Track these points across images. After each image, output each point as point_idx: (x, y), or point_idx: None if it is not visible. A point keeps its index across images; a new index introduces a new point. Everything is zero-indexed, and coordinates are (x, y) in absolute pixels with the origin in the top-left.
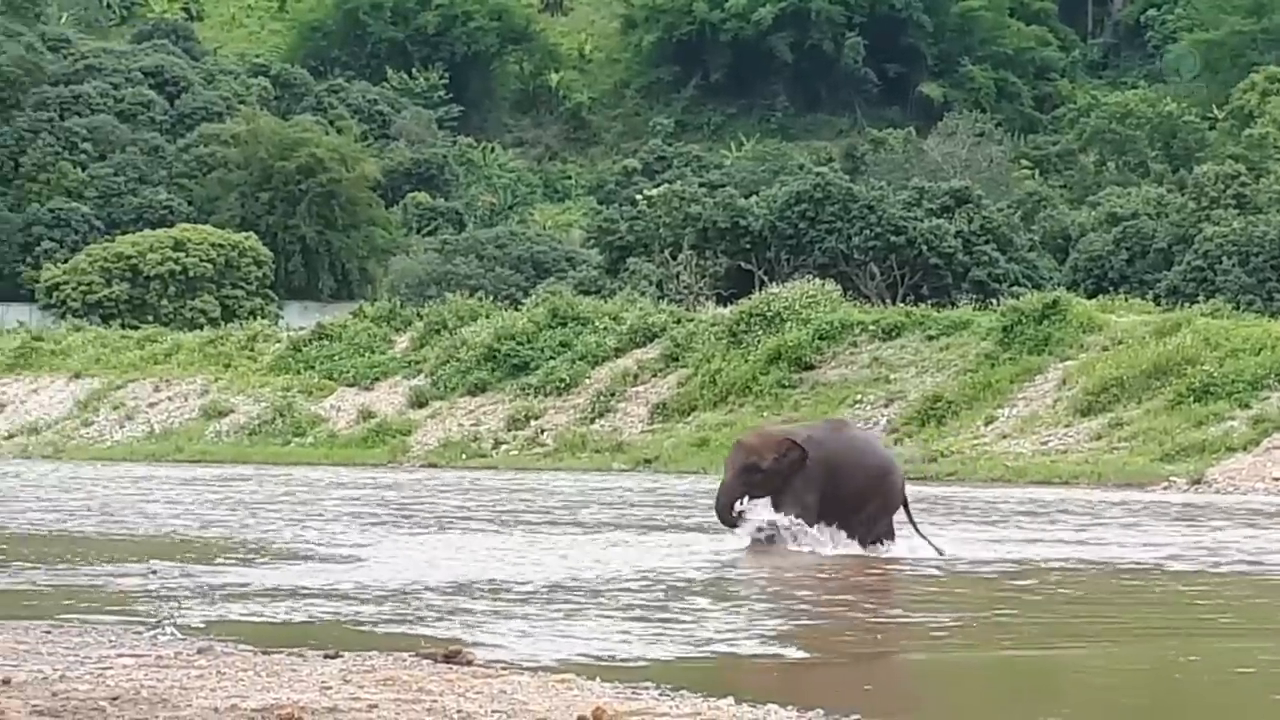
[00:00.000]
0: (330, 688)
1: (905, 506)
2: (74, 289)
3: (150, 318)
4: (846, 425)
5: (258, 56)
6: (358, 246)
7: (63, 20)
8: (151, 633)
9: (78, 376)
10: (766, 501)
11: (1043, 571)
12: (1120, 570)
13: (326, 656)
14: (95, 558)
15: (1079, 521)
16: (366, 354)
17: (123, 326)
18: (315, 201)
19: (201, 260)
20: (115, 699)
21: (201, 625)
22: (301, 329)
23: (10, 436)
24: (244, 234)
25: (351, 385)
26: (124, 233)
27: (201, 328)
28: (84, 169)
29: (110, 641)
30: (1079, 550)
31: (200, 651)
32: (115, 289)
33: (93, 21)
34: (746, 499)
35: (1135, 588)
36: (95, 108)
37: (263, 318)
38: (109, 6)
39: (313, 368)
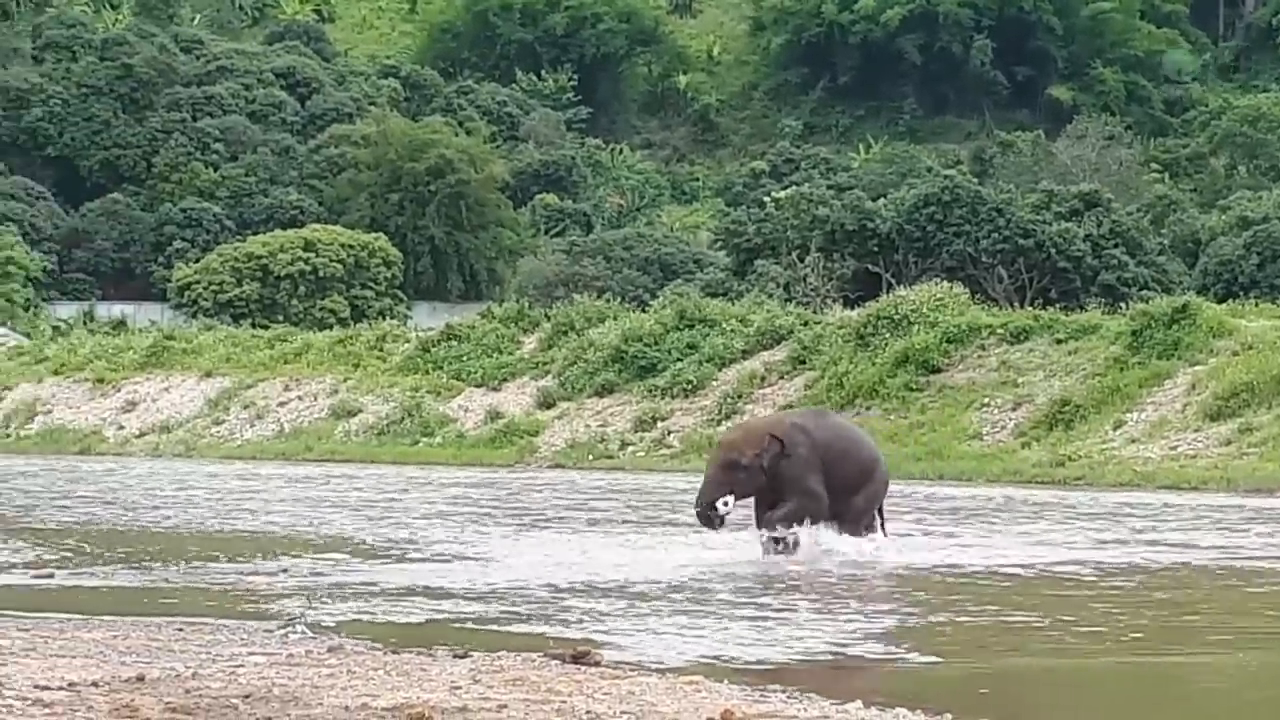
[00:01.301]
0: (460, 687)
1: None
2: (205, 288)
3: (280, 317)
4: (828, 414)
5: (388, 58)
6: (486, 247)
7: (195, 22)
8: (282, 631)
9: (209, 375)
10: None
11: (1132, 572)
12: (1216, 573)
13: (456, 656)
14: (226, 556)
15: (1158, 524)
16: (494, 355)
17: (253, 326)
18: (444, 202)
19: (331, 260)
20: (247, 697)
21: (332, 624)
22: (430, 329)
23: (142, 435)
24: (373, 234)
25: (479, 386)
26: (255, 233)
27: (331, 327)
28: (216, 169)
29: (242, 639)
30: (1171, 553)
31: (331, 650)
32: (246, 289)
33: (225, 23)
34: (731, 498)
35: (1231, 590)
36: (227, 108)
37: (392, 318)
38: (241, 8)
39: (441, 368)
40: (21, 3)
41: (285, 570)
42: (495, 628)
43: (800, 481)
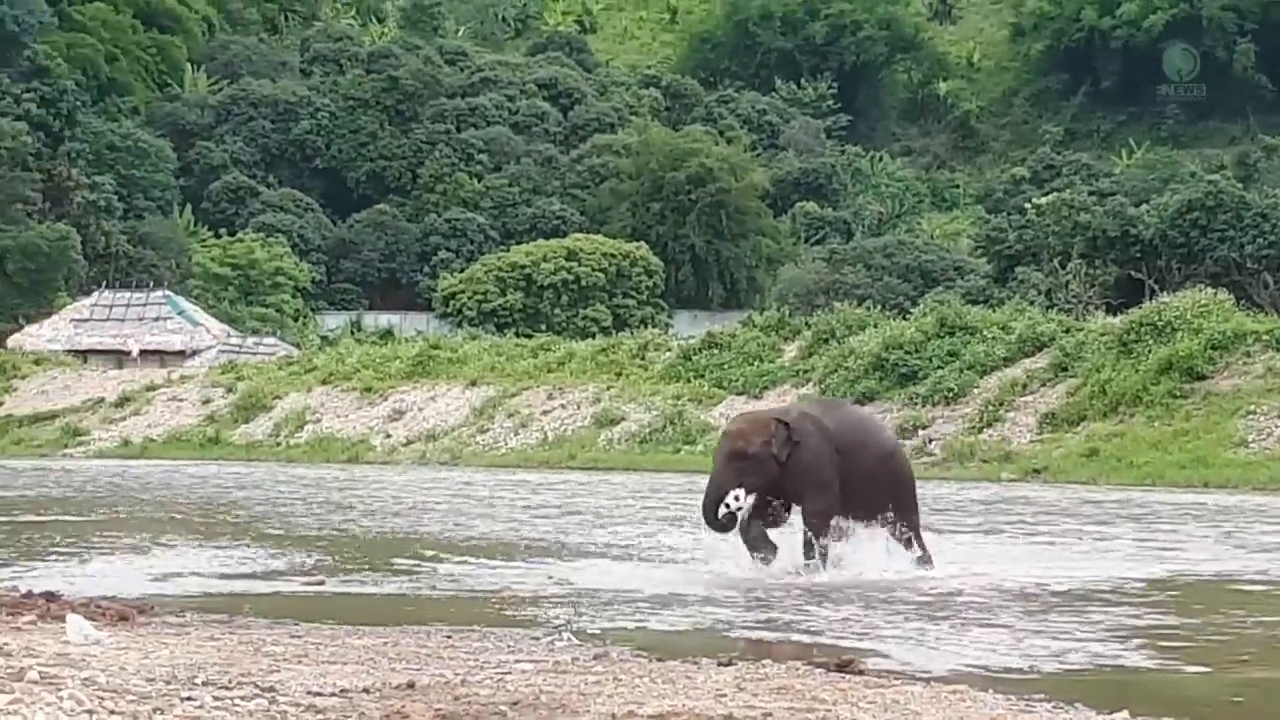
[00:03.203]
0: (725, 695)
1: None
2: (470, 298)
3: (543, 326)
4: (842, 404)
5: (649, 68)
6: (746, 256)
7: (460, 34)
8: (549, 638)
9: (474, 384)
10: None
11: None
12: None
13: (720, 664)
14: (490, 563)
15: None
16: (756, 363)
17: (517, 335)
18: (705, 211)
19: (594, 270)
20: (515, 704)
21: (597, 631)
22: (691, 338)
23: (409, 443)
24: (635, 243)
25: (741, 394)
26: (518, 242)
27: (594, 336)
28: (479, 180)
29: (509, 647)
30: None
31: (596, 658)
32: (510, 298)
33: (489, 35)
34: (741, 492)
35: None
36: (491, 119)
37: (653, 326)
38: (505, 20)
39: (703, 376)
40: (290, 17)
41: (550, 577)
42: (757, 634)
43: (814, 474)
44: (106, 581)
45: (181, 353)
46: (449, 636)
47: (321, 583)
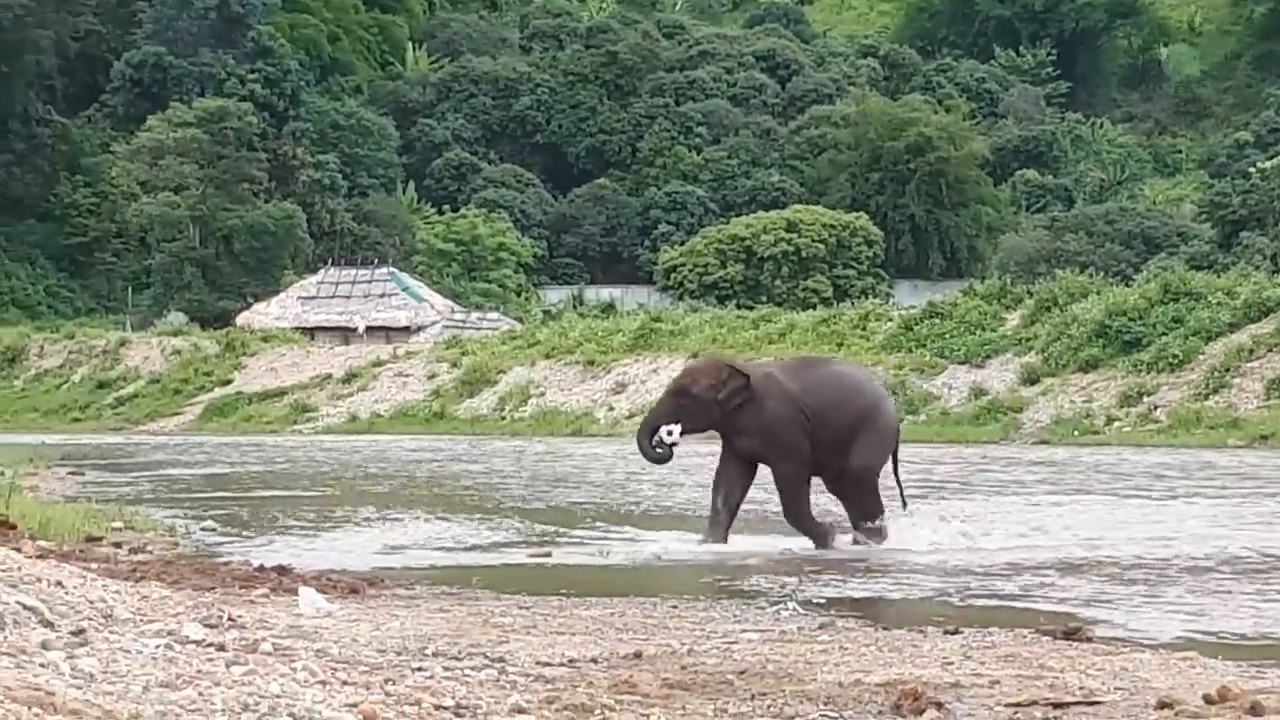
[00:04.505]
0: (951, 663)
1: (894, 457)
2: (690, 270)
3: (764, 298)
4: (827, 361)
5: (866, 38)
6: (966, 225)
7: (678, 7)
8: (775, 608)
9: (695, 357)
10: None
11: None
12: None
13: (946, 632)
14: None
15: None
16: (977, 332)
17: (738, 307)
18: (924, 180)
19: (813, 241)
20: (742, 673)
21: (822, 601)
22: (912, 307)
23: (631, 416)
24: (854, 214)
25: (963, 363)
26: (738, 215)
27: (814, 307)
28: (698, 153)
29: (734, 616)
30: None
31: (822, 627)
32: (730, 270)
33: (706, 8)
34: (676, 428)
35: None
36: (709, 92)
37: (874, 297)
38: None
39: (924, 346)
40: None
41: (783, 550)
42: (984, 604)
43: (778, 437)
44: (336, 555)
45: (406, 329)
46: (675, 606)
47: (548, 555)
